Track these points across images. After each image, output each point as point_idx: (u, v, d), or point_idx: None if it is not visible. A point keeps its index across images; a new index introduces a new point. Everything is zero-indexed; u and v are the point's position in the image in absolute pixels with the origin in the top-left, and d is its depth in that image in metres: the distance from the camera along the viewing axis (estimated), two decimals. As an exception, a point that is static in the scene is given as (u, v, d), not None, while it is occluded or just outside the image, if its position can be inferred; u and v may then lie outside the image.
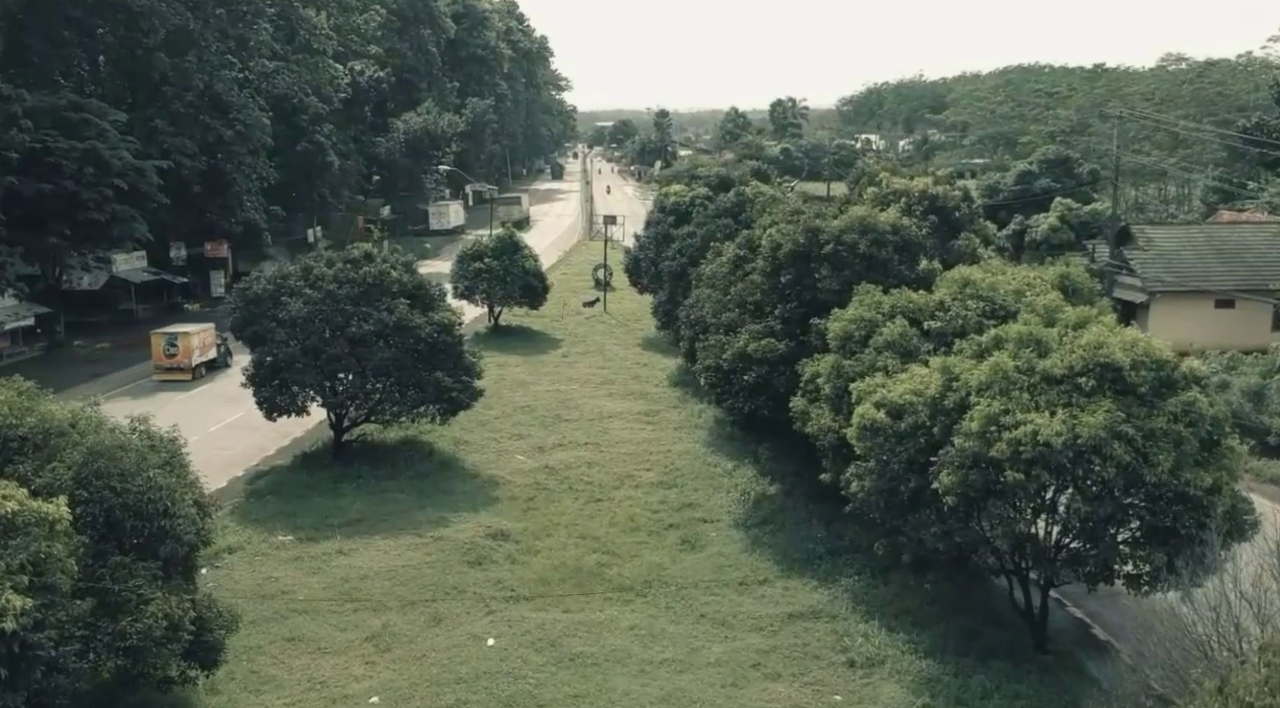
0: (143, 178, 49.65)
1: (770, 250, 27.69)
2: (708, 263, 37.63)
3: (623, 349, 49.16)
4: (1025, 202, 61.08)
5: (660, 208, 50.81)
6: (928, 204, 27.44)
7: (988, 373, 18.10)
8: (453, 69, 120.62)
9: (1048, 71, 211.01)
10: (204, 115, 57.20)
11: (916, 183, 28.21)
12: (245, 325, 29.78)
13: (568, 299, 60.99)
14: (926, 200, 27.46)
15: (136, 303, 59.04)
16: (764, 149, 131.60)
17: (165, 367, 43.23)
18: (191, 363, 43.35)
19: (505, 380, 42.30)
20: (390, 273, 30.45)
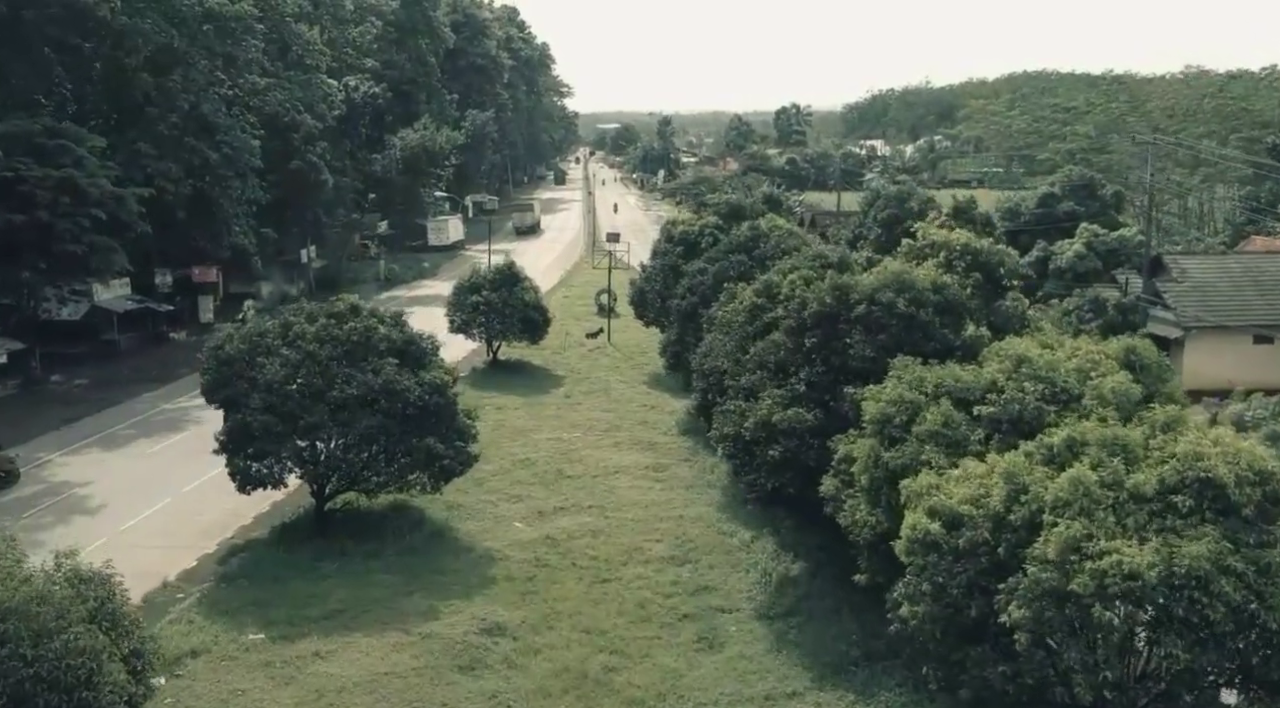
0: (122, 207, 47.09)
1: (795, 308, 25.07)
2: (721, 305, 35.06)
3: (629, 387, 46.55)
4: (1048, 225, 58.48)
5: (668, 238, 48.25)
6: (970, 260, 24.80)
7: (1066, 488, 15.47)
8: (452, 78, 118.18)
9: (1055, 78, 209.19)
10: (189, 138, 54.65)
11: (957, 236, 25.56)
12: (217, 388, 27.17)
13: (570, 328, 58.41)
14: (969, 255, 24.81)
15: (119, 332, 56.42)
16: (769, 160, 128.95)
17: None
18: None
19: (504, 428, 39.72)
20: (377, 328, 27.86)
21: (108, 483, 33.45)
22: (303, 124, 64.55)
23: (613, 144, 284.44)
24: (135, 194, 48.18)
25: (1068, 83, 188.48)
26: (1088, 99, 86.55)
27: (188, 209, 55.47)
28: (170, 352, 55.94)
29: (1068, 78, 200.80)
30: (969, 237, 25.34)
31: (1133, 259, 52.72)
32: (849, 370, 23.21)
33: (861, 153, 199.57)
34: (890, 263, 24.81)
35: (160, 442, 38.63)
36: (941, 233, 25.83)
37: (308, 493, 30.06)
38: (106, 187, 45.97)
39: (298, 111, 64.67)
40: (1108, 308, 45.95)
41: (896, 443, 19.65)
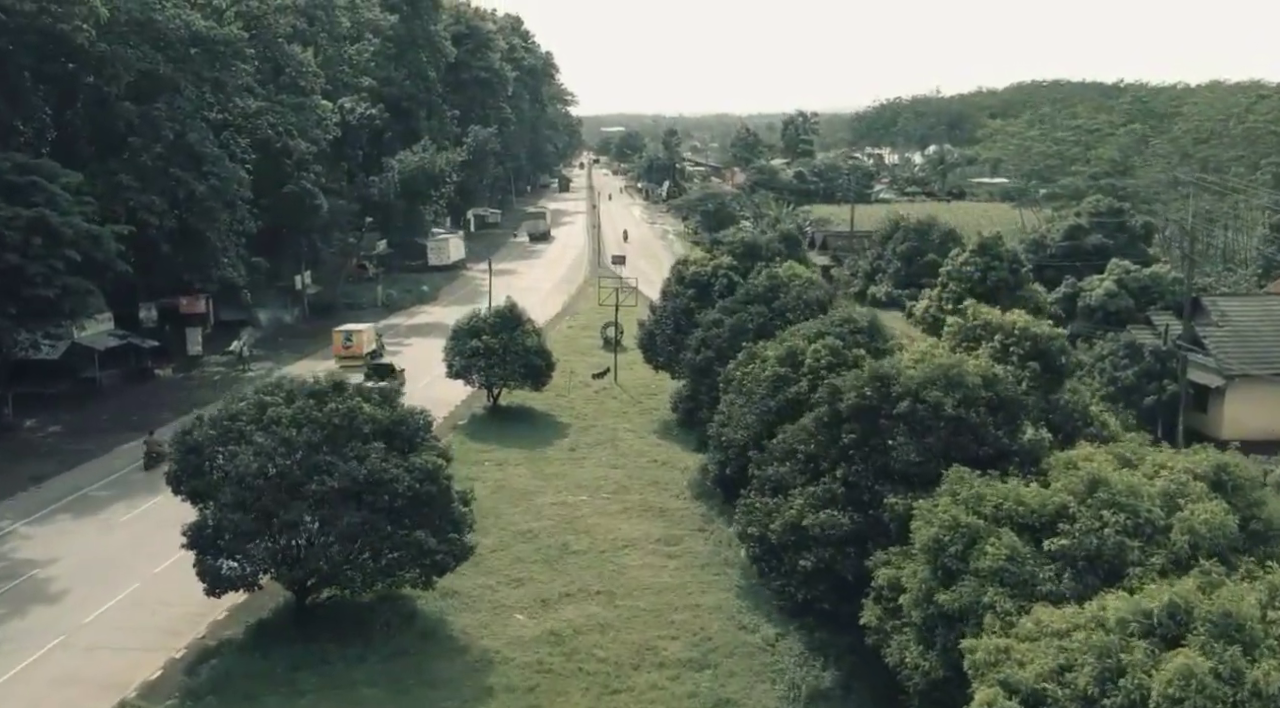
0: (99, 246, 44.49)
1: (828, 395, 22.42)
2: (739, 364, 32.52)
3: (637, 437, 43.88)
4: (1075, 258, 55.83)
5: (679, 279, 45.62)
6: (1028, 346, 22.11)
7: (1176, 683, 12.82)
8: (454, 91, 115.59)
9: (1067, 87, 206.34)
10: (174, 168, 52.05)
11: (1012, 318, 22.82)
12: (185, 479, 24.56)
13: (575, 366, 55.68)
14: (1027, 341, 22.12)
15: (100, 369, 53.82)
16: (777, 173, 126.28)
17: (344, 356, 55.32)
18: (363, 352, 55.78)
19: (505, 490, 37.10)
20: (362, 408, 25.22)
21: (73, 562, 30.86)
22: (295, 149, 61.98)
23: (617, 150, 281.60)
24: (114, 231, 45.61)
25: (1080, 92, 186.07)
26: (1110, 121, 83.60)
27: (173, 243, 52.91)
28: (154, 391, 53.40)
29: (1080, 87, 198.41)
30: (1026, 320, 22.62)
31: (1166, 297, 50.09)
32: (890, 473, 20.59)
33: (869, 163, 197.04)
34: (934, 347, 22.11)
35: (134, 506, 35.96)
36: (995, 314, 23.08)
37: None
38: (81, 226, 43.35)
39: (290, 136, 62.10)
40: (1144, 354, 43.30)
41: (953, 578, 17.00)
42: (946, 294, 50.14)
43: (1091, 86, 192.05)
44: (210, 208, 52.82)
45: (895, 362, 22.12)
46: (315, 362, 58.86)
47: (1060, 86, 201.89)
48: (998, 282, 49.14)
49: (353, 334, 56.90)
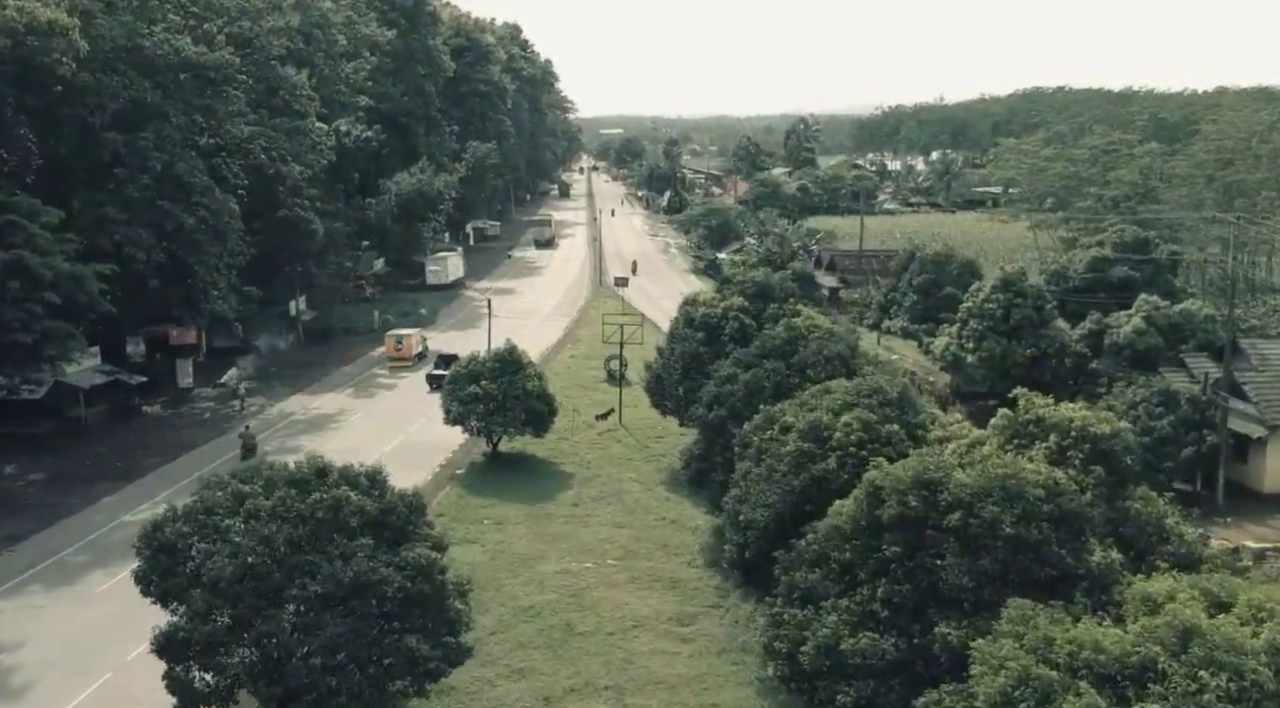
0: (80, 287, 42.45)
1: (867, 498, 20.22)
2: (756, 429, 30.39)
3: (644, 489, 41.65)
4: (1099, 289, 53.63)
5: (688, 321, 43.40)
6: (1089, 449, 19.87)
7: None
8: (454, 104, 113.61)
9: (1071, 94, 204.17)
10: (162, 200, 49.88)
11: (1071, 414, 20.56)
12: (153, 580, 22.31)
13: (578, 403, 53.54)
14: (1086, 443, 19.88)
15: (86, 407, 51.66)
16: (780, 187, 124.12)
17: (395, 357, 63.28)
18: (412, 354, 63.26)
19: (504, 554, 34.90)
20: (348, 497, 22.94)
21: (42, 646, 28.72)
22: (289, 175, 59.79)
23: (616, 156, 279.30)
24: (97, 271, 43.48)
25: (1087, 100, 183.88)
26: (1125, 139, 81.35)
27: (161, 277, 50.75)
28: (142, 430, 51.24)
29: (1086, 94, 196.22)
30: (1085, 416, 20.36)
31: (1197, 335, 47.91)
32: (940, 595, 18.36)
33: (872, 170, 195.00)
34: (986, 449, 19.87)
35: (114, 573, 33.60)
36: (1049, 408, 20.83)
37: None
38: (62, 267, 41.28)
39: (284, 161, 59.92)
40: (1180, 402, 41.12)
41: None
42: (967, 332, 47.95)
43: (1099, 94, 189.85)
44: (199, 241, 50.67)
45: (940, 459, 19.90)
46: (310, 396, 56.77)
47: (1065, 94, 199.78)
48: (1021, 320, 46.96)
49: (403, 338, 64.70)
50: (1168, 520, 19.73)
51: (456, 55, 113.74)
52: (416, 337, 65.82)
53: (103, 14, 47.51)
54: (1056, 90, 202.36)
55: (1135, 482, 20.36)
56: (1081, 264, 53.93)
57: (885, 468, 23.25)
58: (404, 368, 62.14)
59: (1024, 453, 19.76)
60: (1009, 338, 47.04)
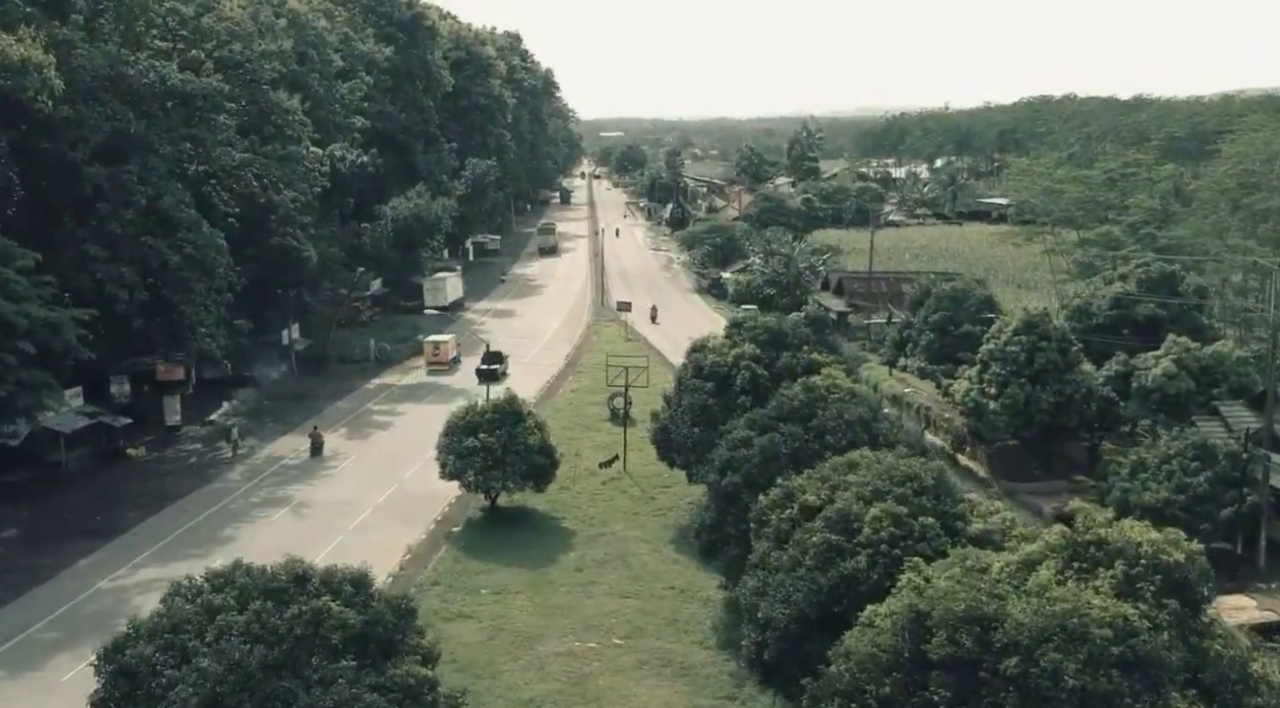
0: (58, 335, 40.28)
1: (908, 625, 18.03)
2: (774, 505, 28.26)
3: (651, 550, 39.45)
4: (1124, 326, 51.44)
5: (696, 370, 41.21)
6: (1161, 580, 17.64)
7: None
8: (453, 118, 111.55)
9: (1077, 102, 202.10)
10: (146, 236, 47.75)
11: (1138, 536, 18.31)
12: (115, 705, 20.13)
13: (580, 447, 51.41)
14: (1159, 573, 17.65)
15: (67, 451, 49.53)
16: (784, 201, 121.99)
17: (433, 361, 69.13)
18: (448, 358, 69.45)
19: (503, 632, 32.68)
20: (330, 609, 20.80)
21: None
22: (281, 204, 57.62)
23: (617, 163, 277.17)
24: (75, 318, 41.33)
25: (1094, 109, 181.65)
26: (1141, 159, 79.17)
27: (145, 315, 48.61)
28: (126, 476, 49.05)
29: (1093, 103, 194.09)
30: (1155, 540, 18.12)
31: (1230, 379, 45.71)
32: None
33: (876, 179, 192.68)
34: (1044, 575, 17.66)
35: (81, 655, 30.90)
36: (1112, 529, 18.60)
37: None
38: (38, 315, 39.11)
39: (275, 190, 57.74)
40: (1218, 456, 38.90)
41: None
42: (989, 376, 45.73)
43: (1107, 103, 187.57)
44: (185, 278, 48.49)
45: (992, 585, 17.70)
46: (302, 436, 54.45)
47: (1073, 102, 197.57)
48: (1046, 364, 44.73)
49: (440, 344, 70.65)
50: (1253, 666, 17.54)
51: (456, 68, 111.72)
52: (451, 342, 71.95)
53: (83, 43, 45.38)
54: (1064, 98, 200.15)
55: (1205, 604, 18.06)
56: (1105, 300, 51.70)
57: (923, 571, 21.12)
58: (441, 371, 68.50)
59: (1086, 581, 17.60)
60: (1033, 383, 44.83)
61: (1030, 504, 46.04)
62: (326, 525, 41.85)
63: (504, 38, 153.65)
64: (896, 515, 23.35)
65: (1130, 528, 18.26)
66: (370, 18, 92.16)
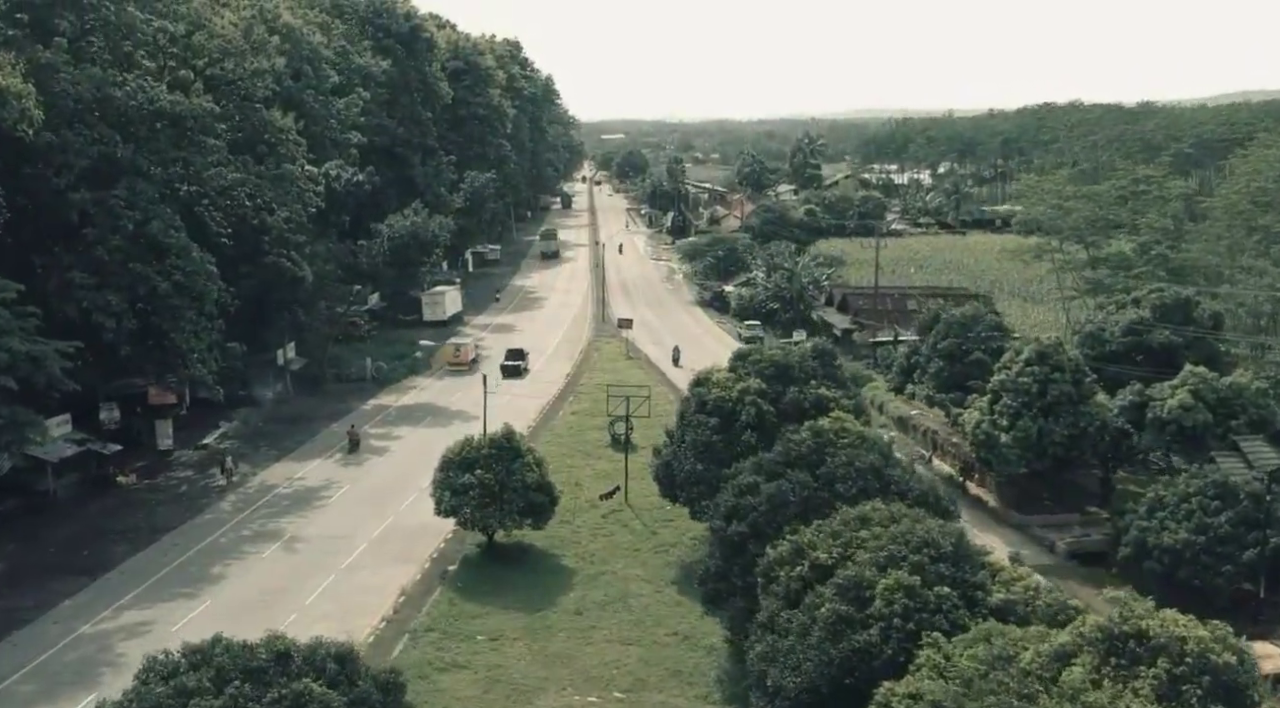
0: (40, 368, 39.07)
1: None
2: (782, 561, 27.04)
3: (654, 591, 38.20)
4: (1138, 353, 50.21)
5: (699, 405, 39.95)
6: (1208, 683, 16.27)
7: None
8: (452, 129, 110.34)
9: (1082, 109, 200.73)
10: (134, 262, 46.52)
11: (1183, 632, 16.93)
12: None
13: (580, 477, 50.16)
14: (1206, 674, 16.28)
15: (55, 478, 48.35)
16: (788, 211, 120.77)
17: (453, 362, 73.73)
18: (468, 359, 74.02)
19: (500, 683, 31.48)
20: (311, 691, 19.58)
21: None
22: (274, 226, 56.42)
23: (618, 169, 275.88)
24: (59, 350, 40.14)
25: (1100, 117, 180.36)
26: (1150, 175, 77.79)
27: (133, 343, 47.41)
28: (114, 507, 47.72)
29: (1099, 111, 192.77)
30: (1201, 635, 16.79)
31: (1248, 411, 44.51)
32: None
33: (877, 186, 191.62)
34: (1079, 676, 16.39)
35: (61, 708, 30.35)
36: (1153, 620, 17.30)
37: None
38: (19, 349, 37.90)
39: (269, 211, 56.56)
40: (1239, 496, 37.69)
41: None
42: (1000, 408, 44.49)
43: (1113, 110, 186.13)
44: (174, 305, 47.25)
45: (1021, 682, 16.44)
46: (296, 463, 53.34)
47: (1078, 109, 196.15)
48: (1059, 396, 43.50)
49: (460, 346, 76.24)
50: None
51: (454, 79, 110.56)
52: (471, 345, 77.86)
53: (68, 67, 44.18)
54: (1069, 105, 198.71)
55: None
56: (1118, 327, 50.45)
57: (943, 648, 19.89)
58: (461, 372, 72.15)
59: (1124, 682, 16.34)
60: (1045, 415, 43.62)
61: (1042, 538, 44.87)
62: (318, 563, 40.65)
63: (503, 46, 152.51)
64: (911, 587, 22.15)
65: (1174, 621, 16.98)
66: (368, 29, 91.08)
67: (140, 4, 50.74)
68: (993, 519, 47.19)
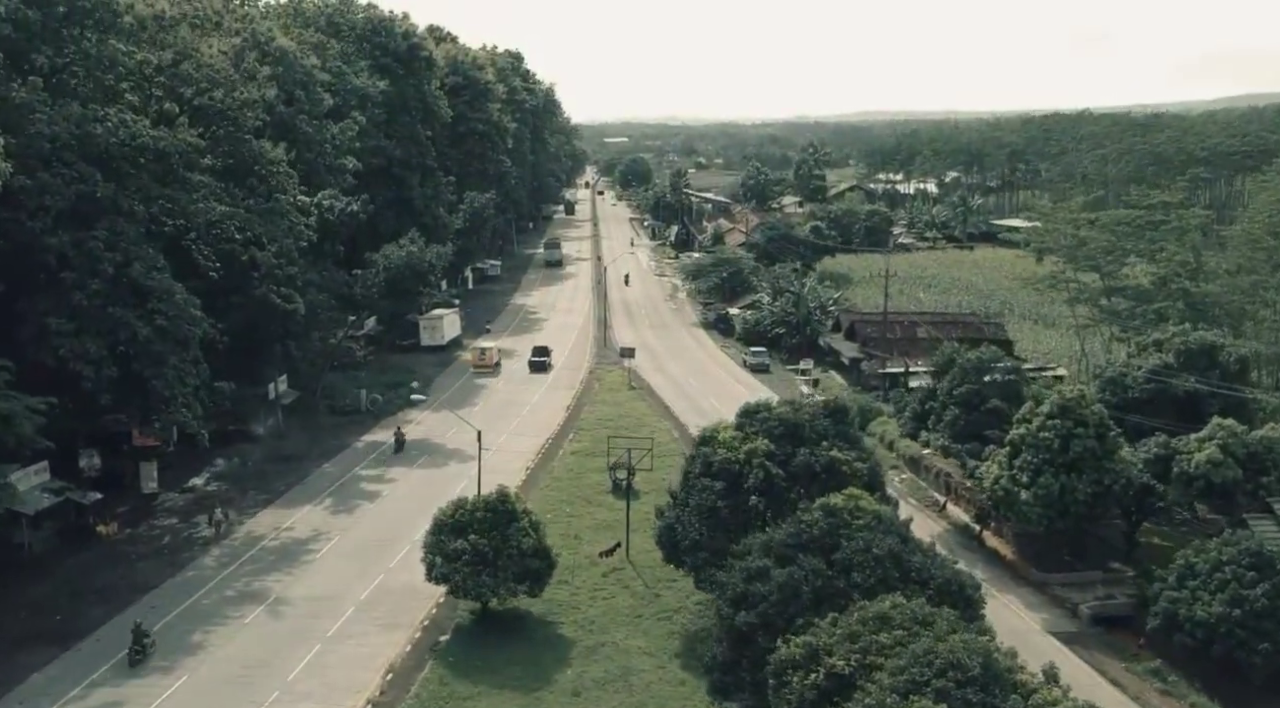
0: (9, 428, 37.10)
1: None
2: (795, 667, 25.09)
3: (656, 667, 36.03)
4: (1162, 402, 48.17)
5: (704, 467, 37.90)
6: None
7: None
8: (451, 145, 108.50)
9: (1088, 118, 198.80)
10: (114, 307, 44.53)
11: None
12: None
13: (580, 525, 48.24)
14: None
15: (31, 530, 46.36)
16: (793, 228, 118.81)
17: (479, 365, 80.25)
18: (493, 363, 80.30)
19: (491, 786, 29.45)
20: None
21: None
22: (264, 262, 54.47)
23: (621, 178, 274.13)
24: (30, 408, 38.19)
25: (1107, 131, 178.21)
26: (1165, 201, 75.58)
27: (113, 391, 45.42)
28: (93, 563, 45.64)
29: (1106, 119, 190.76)
30: None
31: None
32: None
33: (882, 197, 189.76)
34: None
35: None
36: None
37: None
38: (-13, 408, 35.94)
39: (259, 246, 54.60)
40: (1276, 565, 35.62)
41: None
42: (1020, 463, 42.42)
43: (1122, 120, 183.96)
44: (157, 352, 45.23)
45: None
46: (284, 510, 51.37)
47: (1085, 119, 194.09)
48: (1082, 452, 41.44)
49: (485, 350, 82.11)
50: None
51: (453, 94, 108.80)
52: (495, 348, 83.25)
53: (44, 106, 42.25)
54: (1077, 115, 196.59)
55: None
56: (1141, 373, 48.39)
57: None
58: (486, 374, 79.26)
59: None
60: (1067, 471, 41.54)
61: (1064, 599, 42.73)
62: (304, 629, 38.69)
63: (504, 58, 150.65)
64: (940, 718, 20.12)
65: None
66: (365, 47, 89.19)
67: (124, 35, 48.84)
68: (1011, 576, 45.09)
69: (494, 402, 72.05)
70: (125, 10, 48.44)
